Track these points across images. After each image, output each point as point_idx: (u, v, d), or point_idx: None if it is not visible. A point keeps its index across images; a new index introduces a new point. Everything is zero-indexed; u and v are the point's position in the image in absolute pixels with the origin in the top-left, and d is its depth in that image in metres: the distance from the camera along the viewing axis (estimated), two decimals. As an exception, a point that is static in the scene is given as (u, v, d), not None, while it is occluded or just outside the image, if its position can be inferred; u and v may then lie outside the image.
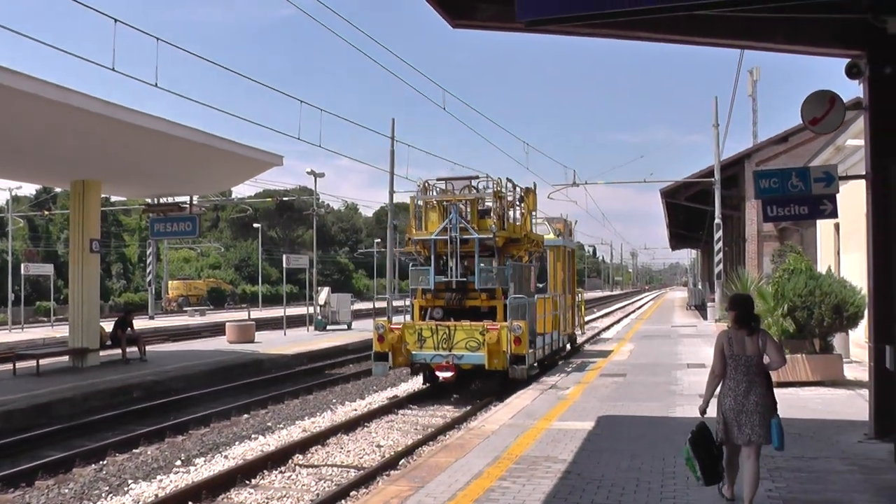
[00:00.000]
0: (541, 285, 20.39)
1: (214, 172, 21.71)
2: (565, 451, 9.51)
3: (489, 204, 17.31)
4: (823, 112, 10.02)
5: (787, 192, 10.28)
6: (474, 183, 17.63)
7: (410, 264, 18.12)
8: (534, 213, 19.70)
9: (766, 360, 6.92)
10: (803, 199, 10.28)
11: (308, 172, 37.99)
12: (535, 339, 17.58)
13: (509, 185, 18.08)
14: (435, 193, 17.61)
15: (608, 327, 39.51)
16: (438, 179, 18.00)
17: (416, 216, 17.67)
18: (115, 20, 13.48)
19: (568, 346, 23.03)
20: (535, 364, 17.35)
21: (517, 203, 18.43)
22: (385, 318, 19.10)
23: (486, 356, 15.88)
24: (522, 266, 18.46)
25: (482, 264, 16.73)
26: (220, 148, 18.80)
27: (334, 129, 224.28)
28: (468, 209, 17.06)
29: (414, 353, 16.53)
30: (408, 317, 17.86)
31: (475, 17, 11.93)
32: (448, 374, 16.49)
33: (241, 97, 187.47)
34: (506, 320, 16.32)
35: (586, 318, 32.38)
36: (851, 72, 9.76)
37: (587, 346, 25.94)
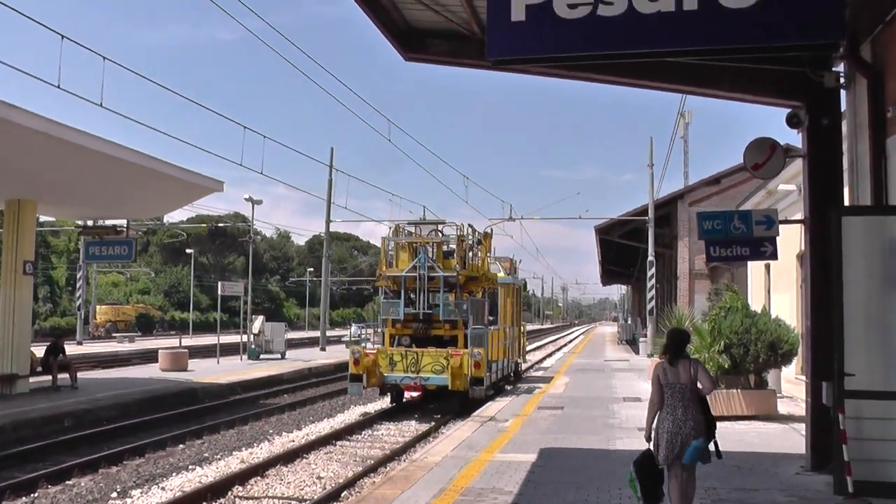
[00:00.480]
0: (491, 318, 22.05)
1: (154, 196, 21.38)
2: (510, 483, 9.56)
3: (453, 246, 19.72)
4: (765, 158, 10.45)
5: (730, 233, 10.65)
6: (440, 227, 20.22)
7: (382, 297, 20.42)
8: (489, 255, 22.09)
9: (699, 385, 7.48)
10: (745, 241, 10.67)
11: (246, 199, 37.54)
12: (491, 364, 19.70)
13: (469, 229, 20.53)
14: (405, 236, 19.93)
15: (541, 360, 39.93)
16: (409, 223, 20.79)
17: (386, 255, 20.09)
18: (63, 36, 13.30)
19: (514, 373, 25.36)
20: (490, 386, 19.67)
21: (475, 246, 20.69)
22: (361, 345, 20.40)
23: (449, 378, 18.05)
24: (479, 301, 20.56)
25: (448, 299, 19.08)
26: (162, 172, 18.53)
27: (274, 156, 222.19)
28: (434, 250, 19.45)
29: (386, 375, 18.63)
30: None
31: (428, 51, 12.20)
32: (416, 394, 19.58)
33: (185, 120, 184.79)
34: (466, 348, 18.50)
35: None
36: (792, 121, 10.24)
37: (526, 377, 27.36)
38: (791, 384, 17.95)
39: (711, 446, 7.50)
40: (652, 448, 7.53)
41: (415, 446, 14.94)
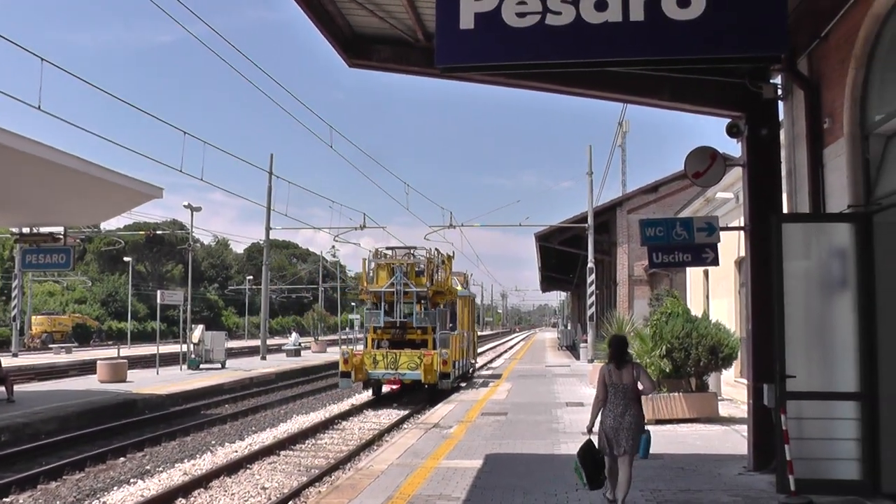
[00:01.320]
0: (451, 325, 25.98)
1: (93, 203, 20.78)
2: (457, 490, 9.54)
3: (422, 266, 23.66)
4: (706, 167, 10.64)
5: (672, 240, 10.80)
6: (412, 251, 24.34)
7: (365, 308, 24.92)
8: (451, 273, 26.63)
9: (640, 386, 8.44)
10: (687, 248, 10.82)
11: (185, 206, 36.88)
12: (454, 363, 23.72)
13: (436, 252, 24.89)
14: (383, 258, 23.95)
15: (483, 366, 40.07)
16: (387, 248, 24.73)
17: (367, 273, 24.02)
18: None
19: (470, 370, 30.10)
20: (454, 379, 23.79)
21: (440, 266, 24.82)
22: (350, 347, 24.73)
23: (423, 373, 22.02)
24: (443, 311, 24.67)
25: (419, 309, 23.28)
26: (101, 177, 17.96)
27: (214, 162, 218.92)
28: (408, 270, 23.31)
29: (370, 371, 22.52)
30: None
31: (372, 57, 12.14)
32: (395, 385, 22.83)
33: (123, 125, 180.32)
34: (435, 349, 22.63)
35: None
36: (731, 131, 10.47)
37: (478, 375, 31.40)
38: (731, 387, 18.32)
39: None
40: (595, 440, 8.46)
41: (360, 455, 14.85)
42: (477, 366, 34.42)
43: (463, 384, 26.09)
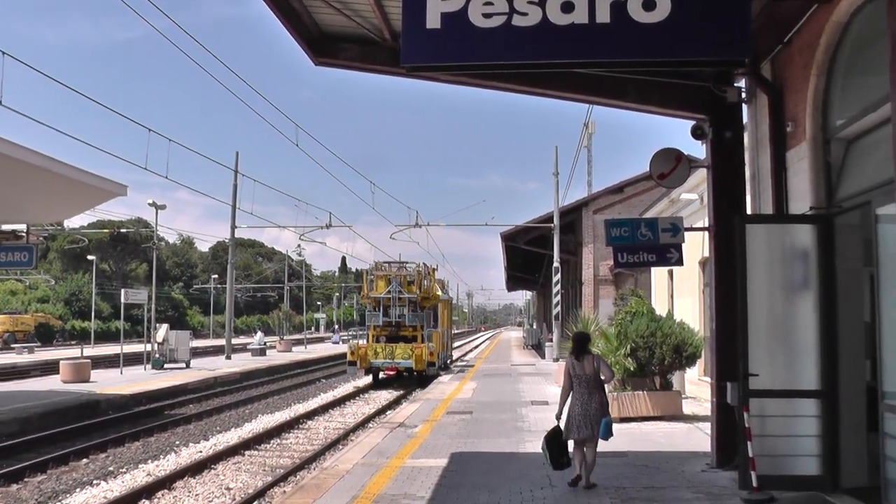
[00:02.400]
0: (433, 324, 31.49)
1: (56, 200, 20.40)
2: (422, 489, 9.51)
3: (413, 277, 29.84)
4: (670, 168, 10.72)
5: (637, 240, 10.85)
6: (405, 265, 31.43)
7: (366, 310, 31.25)
8: (435, 281, 32.85)
9: (602, 376, 9.40)
10: (652, 248, 10.88)
11: (150, 204, 36.28)
12: (438, 354, 29.30)
13: (424, 266, 31.50)
14: (382, 270, 30.56)
15: (458, 358, 40.36)
16: (384, 262, 31.60)
17: (367, 282, 30.74)
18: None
19: (448, 361, 35.69)
20: (437, 367, 29.28)
21: (426, 276, 30.92)
22: (356, 341, 31.31)
23: (414, 362, 27.69)
24: (429, 312, 30.66)
25: (410, 312, 29.16)
26: (64, 174, 17.65)
27: (179, 160, 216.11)
28: (402, 280, 29.43)
29: (372, 360, 28.31)
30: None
31: (339, 56, 12.07)
32: (391, 372, 28.46)
33: (87, 121, 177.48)
34: (423, 343, 28.50)
35: None
36: (696, 133, 10.56)
37: (454, 366, 36.54)
38: (695, 385, 18.49)
39: None
40: (562, 426, 9.34)
41: (325, 454, 14.81)
42: (453, 357, 41.61)
43: (443, 371, 31.15)
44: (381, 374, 29.11)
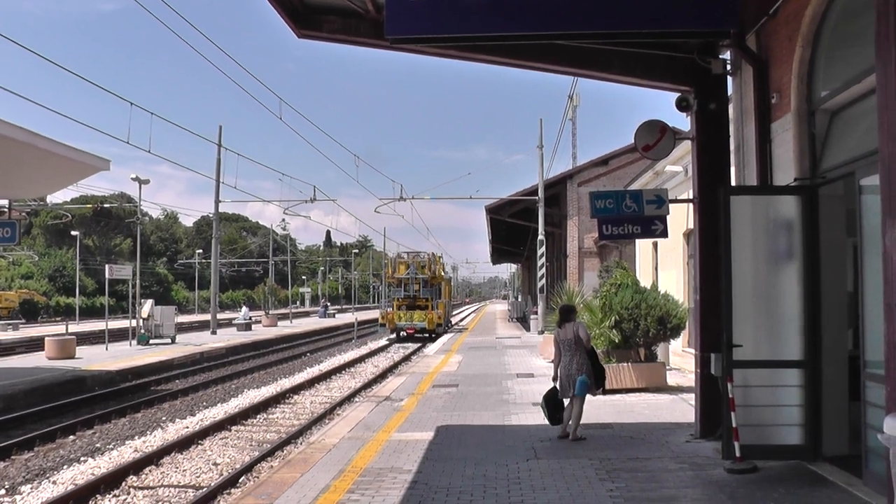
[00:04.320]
0: (439, 296, 42.03)
1: (37, 175, 20.16)
2: (409, 462, 9.51)
3: (425, 263, 41.30)
4: (655, 140, 10.68)
5: (622, 212, 10.80)
6: (420, 254, 42.89)
7: (389, 288, 44.28)
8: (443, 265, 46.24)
9: (582, 338, 10.55)
10: (636, 220, 10.83)
11: (133, 179, 35.89)
12: (443, 318, 41.00)
13: (433, 254, 43.16)
14: (402, 258, 42.58)
15: (455, 324, 40.70)
16: (404, 252, 44.65)
17: (391, 266, 43.23)
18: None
19: (448, 325, 46.04)
20: (446, 328, 42.00)
21: (434, 262, 42.47)
22: (386, 309, 43.66)
23: (427, 324, 38.51)
24: (437, 287, 41.82)
25: (423, 288, 40.27)
26: (46, 149, 17.44)
27: (161, 133, 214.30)
28: (416, 265, 40.78)
29: (397, 323, 38.86)
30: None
31: (322, 28, 11.90)
32: (411, 332, 38.63)
33: (69, 95, 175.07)
34: (433, 311, 39.33)
35: None
36: (681, 105, 10.50)
37: (452, 329, 47.00)
38: (679, 357, 18.61)
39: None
40: (557, 386, 10.69)
41: (311, 429, 14.86)
42: (452, 322, 53.35)
43: (446, 332, 42.23)
44: (403, 333, 39.13)
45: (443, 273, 45.18)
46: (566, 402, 10.68)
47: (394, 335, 39.36)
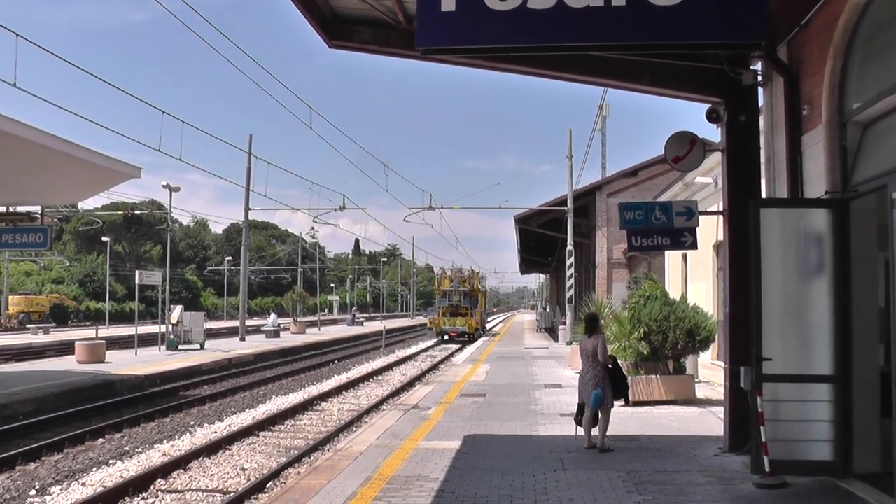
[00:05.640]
0: (476, 306, 49.47)
1: (68, 182, 20.51)
2: (436, 471, 9.55)
3: (466, 277, 49.66)
4: (685, 151, 10.68)
5: (651, 224, 10.83)
6: (462, 270, 51.98)
7: (437, 299, 52.42)
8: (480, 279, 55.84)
9: (598, 355, 10.76)
10: (666, 231, 10.86)
11: (164, 186, 36.45)
12: (481, 324, 50.09)
13: (473, 271, 53.41)
14: (447, 273, 51.15)
15: (460, 348, 40.35)
16: (448, 269, 53.21)
17: (437, 280, 53.19)
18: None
19: (483, 330, 53.52)
20: (482, 333, 51.08)
21: (473, 277, 50.78)
22: (432, 316, 54.56)
23: (467, 329, 45.76)
24: (475, 298, 48.86)
25: (464, 298, 47.75)
26: (78, 156, 17.72)
27: (192, 142, 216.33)
28: (459, 280, 48.52)
29: (442, 327, 46.08)
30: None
31: (352, 38, 12.04)
32: (454, 334, 45.25)
33: (102, 103, 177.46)
34: (472, 318, 46.63)
35: (435, 342, 49.16)
36: (711, 117, 10.50)
37: (487, 333, 55.05)
38: (708, 369, 18.46)
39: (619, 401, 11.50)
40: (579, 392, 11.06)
41: (338, 436, 14.92)
42: (486, 328, 59.33)
43: (482, 335, 50.32)
44: (446, 336, 46.08)
45: (480, 287, 53.24)
46: (586, 408, 10.92)
47: (439, 337, 46.92)
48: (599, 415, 10.76)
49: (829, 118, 8.76)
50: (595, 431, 10.86)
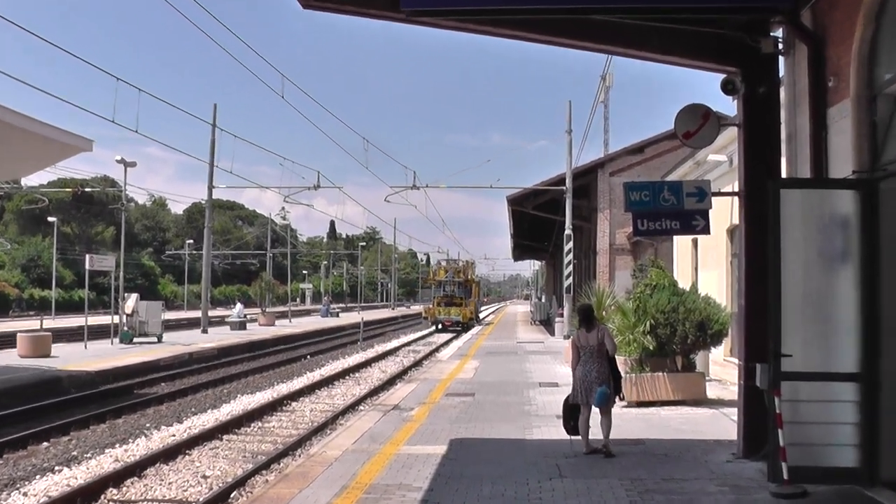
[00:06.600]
0: (470, 296, 56.30)
1: (13, 156, 20.39)
2: (419, 479, 9.57)
3: (461, 267, 58.74)
4: (697, 126, 10.64)
5: (659, 206, 10.79)
6: (457, 261, 63.14)
7: (432, 288, 60.72)
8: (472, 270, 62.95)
9: (606, 347, 10.86)
10: (675, 214, 10.81)
11: (118, 161, 36.20)
12: (475, 314, 57.54)
13: (467, 261, 65.19)
14: (442, 265, 60.83)
15: (446, 342, 40.35)
16: (443, 260, 65.50)
17: (433, 270, 64.04)
18: None
19: (477, 320, 59.34)
20: (476, 322, 57.44)
21: (468, 267, 60.83)
22: (427, 305, 61.96)
23: (462, 318, 52.04)
24: (469, 288, 56.91)
25: (458, 288, 55.50)
26: (22, 127, 17.62)
27: (150, 112, 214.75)
28: (454, 270, 57.16)
29: (437, 316, 52.83)
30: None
31: (329, -3, 11.88)
32: (449, 324, 51.57)
33: (49, 70, 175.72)
34: (466, 307, 53.61)
35: (419, 335, 50.58)
36: (727, 88, 10.46)
37: (480, 323, 61.01)
38: (720, 366, 18.55)
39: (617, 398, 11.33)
40: (571, 392, 11.06)
41: (311, 440, 14.97)
42: (481, 318, 66.84)
43: (476, 325, 55.52)
44: (439, 325, 51.71)
45: (474, 277, 61.13)
46: (583, 409, 10.98)
47: (433, 326, 53.03)
48: (600, 415, 10.80)
49: (858, 91, 8.77)
50: (593, 434, 10.85)
